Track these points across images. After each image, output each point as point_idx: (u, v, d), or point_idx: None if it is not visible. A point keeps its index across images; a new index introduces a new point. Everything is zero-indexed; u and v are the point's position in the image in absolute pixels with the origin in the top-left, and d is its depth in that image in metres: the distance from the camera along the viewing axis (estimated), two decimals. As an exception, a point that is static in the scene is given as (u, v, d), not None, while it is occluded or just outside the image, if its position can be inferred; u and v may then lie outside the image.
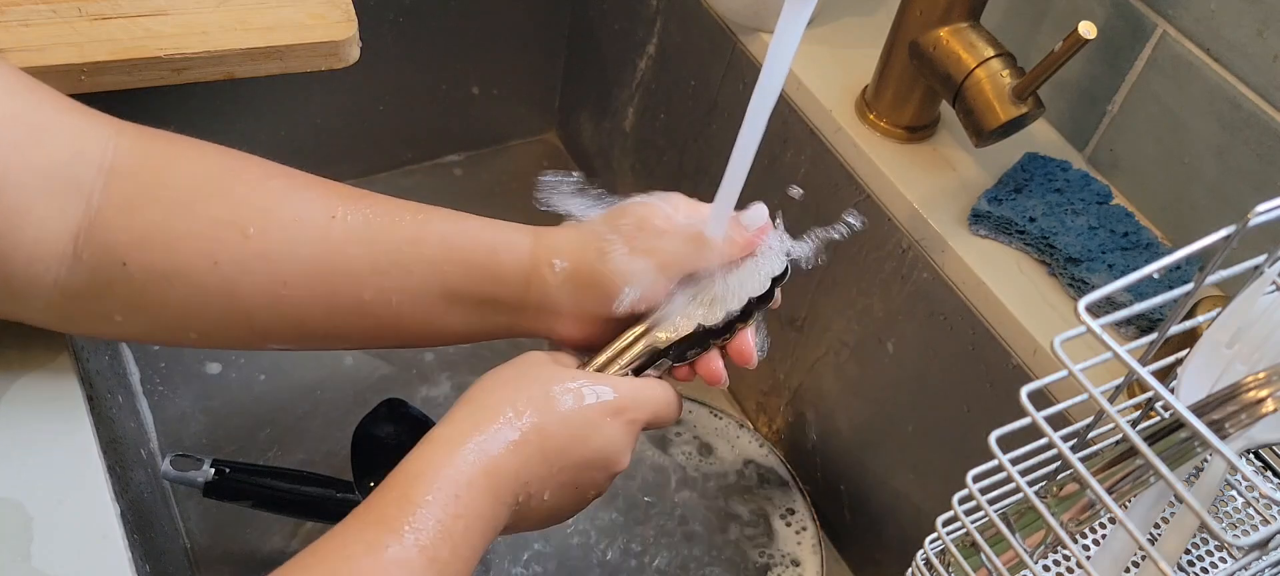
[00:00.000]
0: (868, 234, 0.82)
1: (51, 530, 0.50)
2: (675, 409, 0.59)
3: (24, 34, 0.65)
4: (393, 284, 0.55)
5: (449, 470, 0.49)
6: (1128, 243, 0.73)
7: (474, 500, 0.49)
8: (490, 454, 0.50)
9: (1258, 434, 0.44)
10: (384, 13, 1.02)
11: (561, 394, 0.53)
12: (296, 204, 0.55)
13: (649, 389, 0.57)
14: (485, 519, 0.50)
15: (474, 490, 0.49)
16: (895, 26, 0.78)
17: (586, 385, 0.54)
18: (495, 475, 0.50)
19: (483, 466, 0.50)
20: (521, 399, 0.52)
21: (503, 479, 0.50)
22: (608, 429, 0.54)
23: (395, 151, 1.14)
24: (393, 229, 0.56)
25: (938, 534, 0.48)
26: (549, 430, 0.52)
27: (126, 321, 0.53)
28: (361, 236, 0.55)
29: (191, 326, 0.54)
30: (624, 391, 0.55)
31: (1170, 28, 0.72)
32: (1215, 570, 0.57)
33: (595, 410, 0.54)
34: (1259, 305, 0.46)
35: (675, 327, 0.57)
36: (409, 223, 0.56)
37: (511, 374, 0.54)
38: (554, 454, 0.52)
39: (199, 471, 0.77)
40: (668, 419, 0.58)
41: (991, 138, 0.72)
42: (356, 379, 0.97)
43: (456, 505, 0.48)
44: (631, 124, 1.10)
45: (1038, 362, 0.70)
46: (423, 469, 0.49)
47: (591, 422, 0.53)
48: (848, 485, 0.92)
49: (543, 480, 0.52)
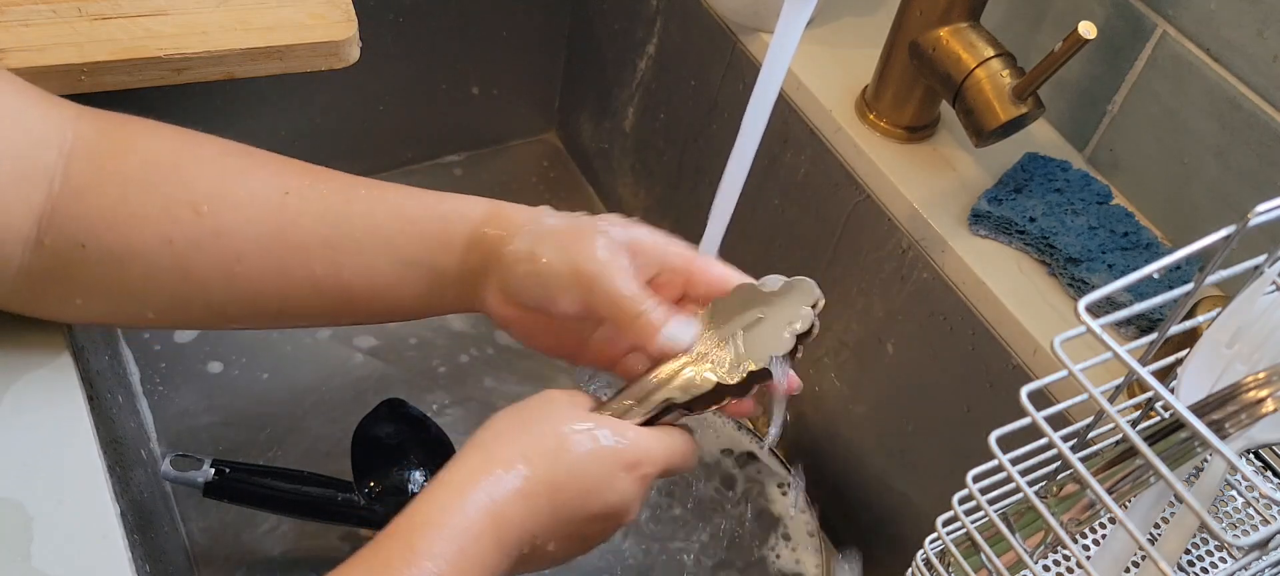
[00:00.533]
0: (868, 234, 0.82)
1: (51, 530, 0.49)
2: (691, 458, 0.56)
3: (24, 34, 0.65)
4: (345, 258, 0.56)
5: (457, 518, 0.48)
6: (1128, 243, 0.73)
7: (479, 552, 0.48)
8: (498, 503, 0.49)
9: (1258, 434, 0.44)
10: (384, 13, 1.02)
11: (575, 440, 0.51)
12: (250, 181, 0.55)
13: (666, 439, 0.54)
14: (489, 569, 0.49)
15: (480, 543, 0.48)
16: (895, 26, 0.78)
17: (602, 432, 0.52)
18: (502, 525, 0.49)
19: (490, 516, 0.48)
20: (534, 447, 0.51)
21: (509, 529, 0.49)
22: (620, 483, 0.52)
23: (395, 151, 1.14)
24: (346, 204, 0.56)
25: (938, 534, 0.48)
26: (559, 482, 0.50)
27: (86, 304, 0.54)
28: (314, 211, 0.55)
29: (149, 306, 0.55)
30: (641, 444, 0.53)
31: (1170, 28, 0.72)
32: (1215, 570, 0.57)
33: (609, 463, 0.52)
34: (1259, 305, 0.46)
35: (691, 386, 0.54)
36: (363, 197, 0.56)
37: (525, 416, 0.52)
38: (563, 507, 0.51)
39: (199, 471, 0.77)
40: (683, 468, 0.56)
41: (991, 138, 0.72)
42: (356, 379, 0.97)
43: (461, 559, 0.47)
44: (631, 124, 1.10)
45: (1038, 363, 0.70)
46: (430, 515, 0.48)
47: (604, 477, 0.51)
48: (848, 485, 0.92)
49: (549, 532, 0.51)
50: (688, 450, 0.56)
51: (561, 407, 0.53)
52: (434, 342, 1.00)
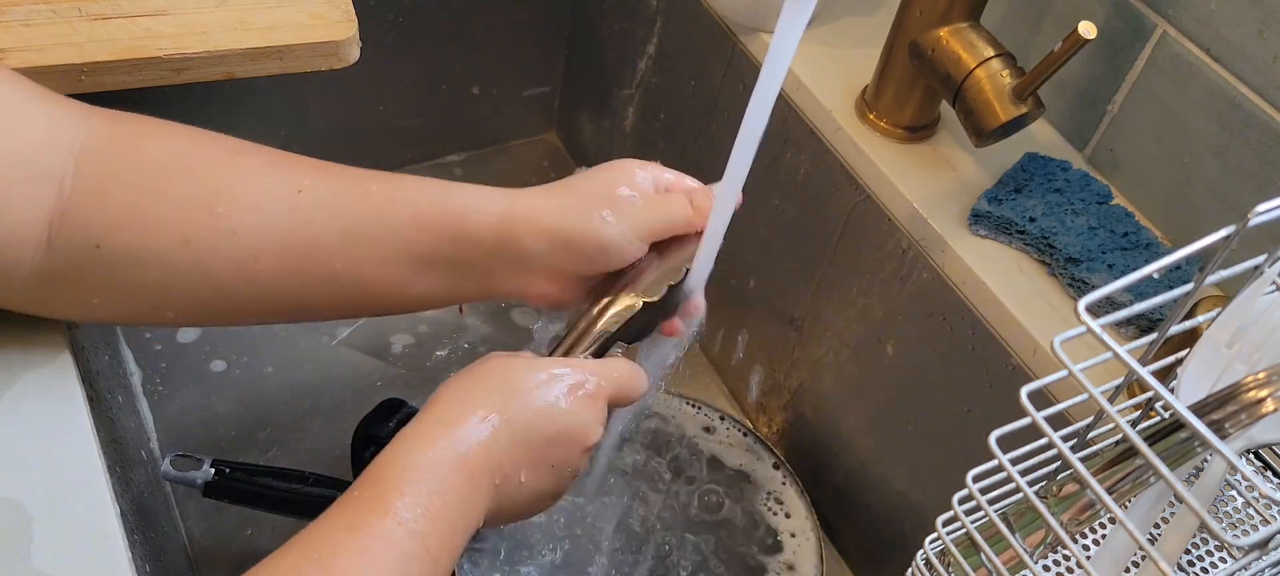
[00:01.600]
0: (868, 234, 0.82)
1: (51, 530, 0.49)
2: (638, 380, 0.61)
3: (24, 34, 0.65)
4: (362, 253, 0.57)
5: (423, 458, 0.51)
6: (1128, 243, 0.73)
7: (450, 480, 0.51)
8: (462, 444, 0.52)
9: (1258, 434, 0.44)
10: (384, 13, 1.02)
11: (522, 381, 0.56)
12: (263, 179, 0.56)
13: (608, 365, 0.59)
14: (463, 498, 0.52)
15: (450, 473, 0.51)
16: (895, 26, 0.78)
17: (544, 370, 0.57)
18: (469, 460, 0.52)
19: (456, 454, 0.52)
20: (486, 395, 0.55)
21: (476, 462, 0.53)
22: (570, 403, 0.56)
23: (395, 151, 1.14)
24: (360, 199, 0.57)
25: (938, 534, 0.48)
26: (513, 413, 0.54)
27: (103, 304, 0.54)
28: (330, 208, 0.56)
29: (168, 305, 0.55)
30: (581, 369, 0.58)
31: (1170, 28, 0.72)
32: (1215, 570, 0.57)
33: (556, 388, 0.56)
34: (1259, 305, 0.46)
35: (621, 315, 0.61)
36: (376, 192, 0.58)
37: (473, 374, 0.56)
38: (521, 433, 0.54)
39: (199, 471, 0.77)
40: (632, 392, 0.60)
41: (991, 138, 0.72)
42: (356, 379, 0.97)
43: (432, 484, 0.51)
44: (631, 124, 1.10)
45: (1038, 362, 0.70)
46: (396, 458, 0.52)
47: (553, 400, 0.56)
48: (848, 485, 0.92)
49: (516, 460, 0.54)
50: (633, 372, 0.60)
51: (507, 360, 0.57)
52: (433, 342, 1.00)
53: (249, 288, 0.55)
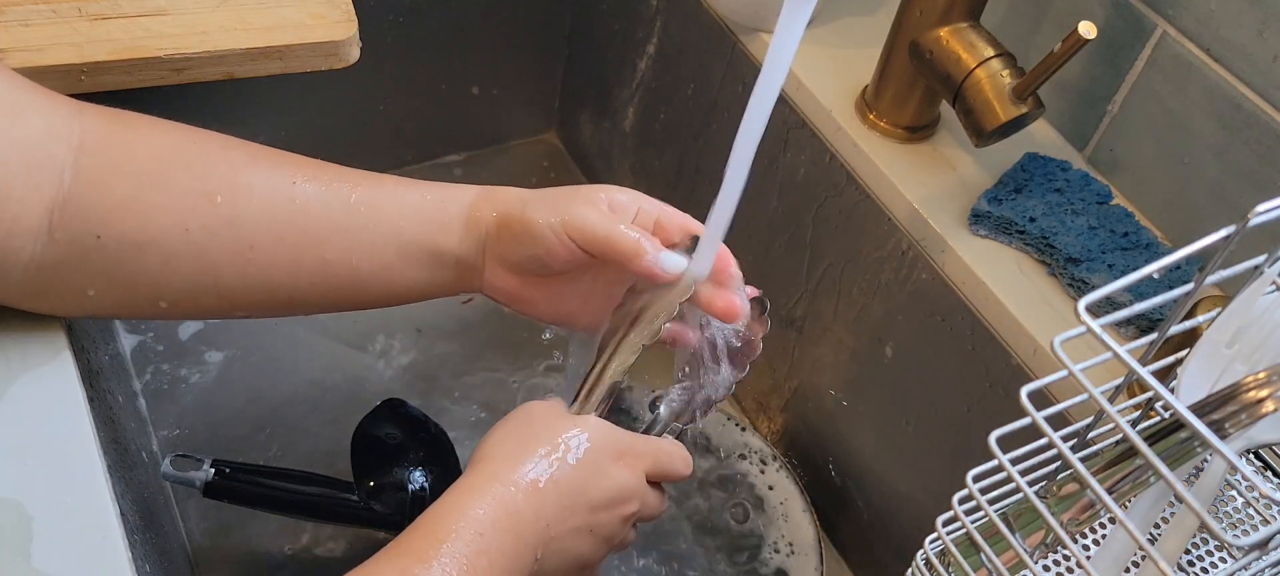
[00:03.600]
0: (868, 234, 0.82)
1: (51, 530, 0.49)
2: (681, 462, 0.62)
3: (24, 34, 0.66)
4: (353, 242, 0.58)
5: (474, 511, 0.53)
6: (1128, 243, 0.73)
7: (497, 538, 0.52)
8: (511, 498, 0.54)
9: (1258, 434, 0.44)
10: (384, 13, 1.02)
11: (569, 440, 0.57)
12: (260, 172, 0.57)
13: (653, 440, 0.61)
14: (509, 557, 0.53)
15: (497, 530, 0.53)
16: (895, 26, 0.78)
17: (590, 432, 0.58)
18: (517, 517, 0.54)
19: (505, 509, 0.53)
20: (533, 451, 0.56)
21: (524, 521, 0.54)
22: (612, 470, 0.58)
23: (395, 151, 1.14)
24: (350, 191, 0.59)
25: (938, 534, 0.48)
26: (560, 475, 0.56)
27: (99, 294, 0.55)
28: (322, 198, 0.58)
29: (163, 295, 0.56)
30: (625, 438, 0.59)
31: (1170, 28, 0.72)
32: (1215, 570, 0.57)
33: (600, 453, 0.58)
34: (1259, 305, 0.46)
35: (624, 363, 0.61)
36: (364, 185, 0.60)
37: (516, 427, 0.58)
38: (567, 495, 0.56)
39: (199, 471, 0.77)
40: (675, 471, 0.62)
41: (991, 138, 0.72)
42: (356, 379, 0.97)
43: (480, 542, 0.52)
44: (631, 124, 1.10)
45: (1038, 362, 0.70)
46: (448, 510, 0.53)
47: (598, 466, 0.57)
48: (847, 485, 0.92)
49: (561, 521, 0.56)
50: (676, 453, 0.62)
51: (546, 416, 0.59)
52: (433, 342, 1.00)
53: (242, 277, 0.56)
